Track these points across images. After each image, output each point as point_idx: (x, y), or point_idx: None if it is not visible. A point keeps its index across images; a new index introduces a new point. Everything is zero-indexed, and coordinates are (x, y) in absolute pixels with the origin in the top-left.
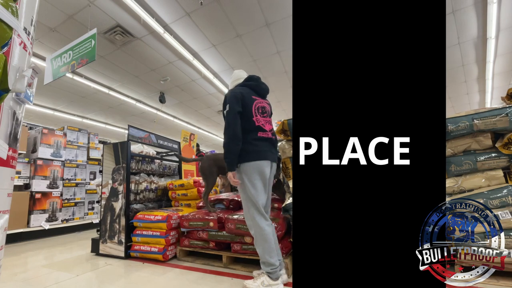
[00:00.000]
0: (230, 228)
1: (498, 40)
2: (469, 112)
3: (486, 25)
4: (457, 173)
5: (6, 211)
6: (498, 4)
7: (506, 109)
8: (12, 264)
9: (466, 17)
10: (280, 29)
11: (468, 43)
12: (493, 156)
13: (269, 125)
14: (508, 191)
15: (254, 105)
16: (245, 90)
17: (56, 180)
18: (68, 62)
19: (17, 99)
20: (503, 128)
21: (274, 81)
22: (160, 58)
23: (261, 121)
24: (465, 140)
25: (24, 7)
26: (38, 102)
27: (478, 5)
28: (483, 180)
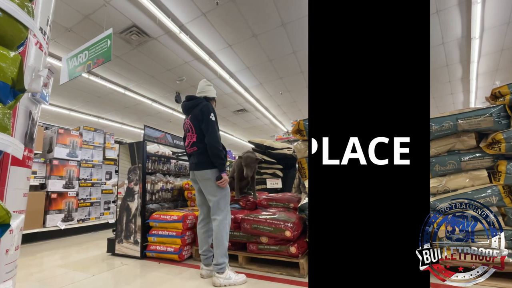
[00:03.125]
0: (246, 228)
1: (482, 40)
2: (453, 112)
3: (470, 25)
4: (441, 173)
5: (22, 211)
6: (482, 4)
7: (490, 109)
8: (28, 264)
9: (450, 17)
10: (296, 29)
11: (452, 43)
12: (477, 156)
13: (187, 140)
14: (492, 191)
15: (184, 129)
16: None
17: (72, 180)
18: (84, 62)
19: (33, 99)
20: (487, 128)
21: (290, 81)
22: (176, 58)
23: (186, 140)
24: (449, 140)
25: (40, 7)
26: (54, 102)
27: (462, 5)
28: (467, 180)
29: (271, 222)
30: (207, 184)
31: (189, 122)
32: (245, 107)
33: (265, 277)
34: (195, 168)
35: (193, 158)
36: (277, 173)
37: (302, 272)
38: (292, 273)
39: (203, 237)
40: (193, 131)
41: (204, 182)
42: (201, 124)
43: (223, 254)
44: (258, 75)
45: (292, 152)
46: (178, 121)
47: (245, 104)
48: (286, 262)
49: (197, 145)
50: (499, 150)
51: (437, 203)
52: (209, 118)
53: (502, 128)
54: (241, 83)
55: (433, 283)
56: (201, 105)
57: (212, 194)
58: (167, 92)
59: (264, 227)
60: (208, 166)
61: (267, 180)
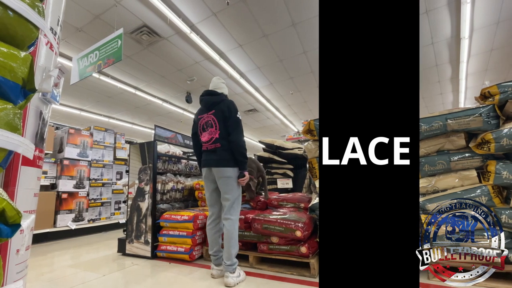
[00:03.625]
0: (256, 228)
1: (472, 40)
2: (442, 112)
3: (460, 25)
4: (430, 173)
5: (32, 211)
6: (472, 4)
7: (479, 109)
8: (38, 264)
9: (440, 17)
10: (306, 29)
11: (442, 43)
12: (466, 156)
13: (208, 136)
14: (482, 191)
15: (199, 124)
16: (199, 110)
17: (82, 180)
18: (94, 62)
19: (44, 99)
20: (476, 128)
21: (301, 81)
22: (187, 58)
23: (202, 135)
24: (438, 140)
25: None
26: (65, 102)
27: (452, 5)
28: (456, 180)
29: (282, 222)
30: (227, 182)
31: (213, 117)
32: (255, 107)
33: (275, 277)
34: (215, 165)
35: (213, 154)
36: (287, 173)
37: (313, 272)
38: (302, 273)
39: (214, 237)
40: (216, 127)
41: (224, 180)
42: (227, 121)
43: (236, 253)
44: (269, 75)
45: (303, 152)
46: (188, 121)
47: (256, 104)
48: (296, 262)
49: (221, 141)
50: (489, 150)
51: (426, 203)
52: (237, 117)
53: (492, 128)
54: (252, 83)
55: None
56: (226, 101)
57: (231, 193)
58: (177, 92)
59: (274, 227)
60: (230, 164)
61: (277, 180)
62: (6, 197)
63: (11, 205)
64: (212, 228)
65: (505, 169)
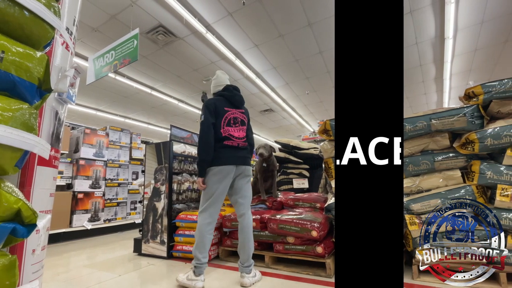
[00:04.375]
0: (272, 228)
1: (456, 40)
2: (426, 112)
3: (444, 25)
4: (414, 173)
5: (48, 211)
6: (456, 4)
7: (463, 109)
8: (54, 264)
9: (424, 17)
10: (322, 29)
11: (426, 43)
12: (450, 156)
13: (241, 132)
14: (466, 191)
15: (225, 116)
16: (219, 101)
17: (98, 180)
18: (110, 62)
19: (59, 99)
20: (460, 128)
21: (316, 81)
22: (203, 58)
23: (229, 131)
24: (422, 140)
25: (66, 7)
26: (81, 102)
27: (436, 5)
28: (440, 180)
29: (298, 222)
30: (248, 180)
31: (244, 116)
32: (271, 107)
33: (291, 277)
34: (246, 163)
35: (243, 152)
36: (303, 173)
37: (329, 272)
38: (318, 273)
39: None
40: (245, 126)
41: (247, 178)
42: (248, 122)
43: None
44: (285, 75)
45: (319, 152)
46: None
47: (272, 104)
48: (312, 262)
49: (247, 141)
50: (473, 150)
51: (410, 203)
52: None
53: (476, 128)
54: (268, 83)
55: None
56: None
57: (250, 190)
58: (193, 92)
59: (290, 227)
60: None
61: (293, 180)
62: (22, 197)
63: (27, 205)
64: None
65: (489, 169)
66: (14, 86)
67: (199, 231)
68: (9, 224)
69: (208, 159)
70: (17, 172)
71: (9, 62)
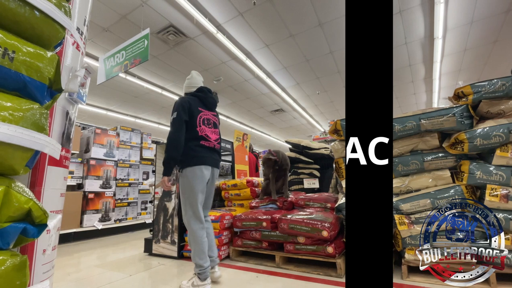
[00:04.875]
0: (283, 228)
1: (445, 40)
2: (416, 112)
3: (433, 25)
4: (404, 173)
5: (59, 211)
6: (445, 4)
7: (453, 109)
8: (65, 264)
9: (413, 17)
10: (333, 29)
11: (415, 43)
12: (440, 156)
13: (215, 135)
14: (455, 191)
15: (199, 116)
16: (193, 100)
17: (109, 180)
18: (121, 62)
19: (70, 99)
20: (450, 128)
21: (327, 81)
22: (213, 58)
23: (205, 131)
24: (412, 140)
25: (77, 7)
26: (91, 102)
27: (425, 5)
28: (430, 180)
29: (308, 222)
30: (214, 183)
31: (216, 119)
32: (282, 107)
33: (302, 277)
34: (218, 166)
35: (216, 155)
36: (314, 173)
37: (339, 272)
38: (329, 273)
39: None
40: (217, 128)
41: (215, 181)
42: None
43: None
44: (295, 75)
45: (329, 152)
46: None
47: (282, 104)
48: (323, 262)
49: (220, 144)
50: (462, 150)
51: (400, 203)
52: None
53: (465, 128)
54: (278, 83)
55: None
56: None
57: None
58: None
59: (301, 227)
60: None
61: (304, 180)
62: (33, 197)
63: (38, 205)
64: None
65: (479, 169)
66: (25, 86)
67: (195, 238)
68: (20, 224)
69: (177, 158)
70: (28, 172)
71: (19, 62)
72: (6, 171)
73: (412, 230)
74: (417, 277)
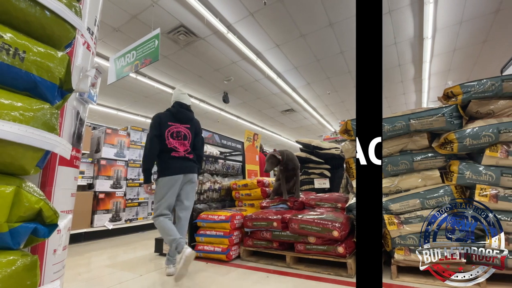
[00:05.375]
0: (293, 228)
1: (435, 40)
2: (405, 112)
3: (423, 25)
4: (393, 173)
5: (69, 211)
6: (435, 4)
7: (442, 109)
8: (75, 264)
9: (403, 17)
10: (343, 29)
11: (405, 43)
12: (429, 156)
13: (183, 147)
14: (445, 191)
15: (167, 130)
16: (165, 115)
17: (119, 180)
18: (131, 62)
19: (81, 99)
20: (439, 128)
21: (338, 81)
22: (224, 58)
23: (173, 143)
24: (401, 140)
25: (87, 7)
26: (102, 102)
27: (415, 5)
28: (419, 180)
29: (319, 222)
30: (194, 186)
31: (188, 131)
32: (292, 107)
33: (312, 277)
34: (192, 171)
35: (190, 162)
36: (324, 173)
37: (350, 272)
38: (340, 273)
39: None
40: (189, 140)
41: (193, 184)
42: (196, 137)
43: None
44: (306, 75)
45: (340, 152)
46: (225, 121)
47: (293, 104)
48: (333, 262)
49: (193, 153)
50: (452, 150)
51: (389, 203)
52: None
53: (455, 128)
54: (289, 83)
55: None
56: (196, 119)
57: (193, 196)
58: (214, 92)
59: (311, 227)
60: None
61: (314, 180)
62: (43, 197)
63: (48, 205)
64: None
65: (468, 169)
66: (36, 86)
67: (161, 226)
68: (30, 224)
69: (150, 168)
70: (39, 172)
71: (30, 62)
72: (17, 171)
73: (402, 230)
74: (406, 277)
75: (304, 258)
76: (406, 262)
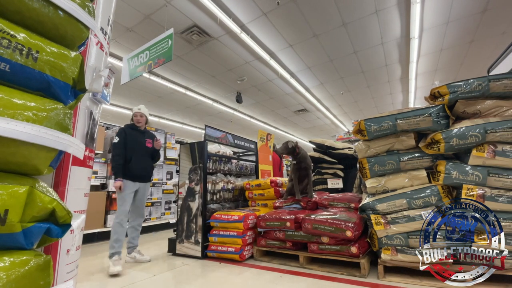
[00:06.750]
0: (307, 228)
1: (422, 40)
2: (392, 112)
3: (410, 25)
4: (380, 173)
5: (83, 211)
6: (422, 4)
7: (429, 109)
8: (89, 263)
9: (390, 17)
10: (357, 29)
11: (392, 43)
12: (416, 156)
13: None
14: (432, 191)
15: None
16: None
17: None
18: (144, 62)
19: (94, 99)
20: (426, 128)
21: (351, 81)
22: (237, 58)
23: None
24: (388, 140)
25: (101, 7)
26: (115, 102)
27: (402, 5)
28: (406, 180)
29: (332, 222)
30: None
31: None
32: (306, 107)
33: (325, 277)
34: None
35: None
36: (338, 173)
37: (363, 272)
38: (353, 273)
39: None
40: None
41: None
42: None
43: None
44: (319, 75)
45: (353, 152)
46: (239, 121)
47: (306, 104)
48: (346, 262)
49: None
50: (438, 150)
51: (376, 203)
52: None
53: (441, 128)
54: (302, 83)
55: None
56: None
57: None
58: (228, 92)
59: (325, 227)
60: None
61: (328, 180)
62: (57, 197)
63: (62, 205)
64: None
65: (455, 169)
66: (49, 86)
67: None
68: (44, 224)
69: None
70: (52, 172)
71: (43, 62)
72: (30, 171)
73: (389, 230)
74: (393, 277)
75: (317, 258)
76: (393, 262)
